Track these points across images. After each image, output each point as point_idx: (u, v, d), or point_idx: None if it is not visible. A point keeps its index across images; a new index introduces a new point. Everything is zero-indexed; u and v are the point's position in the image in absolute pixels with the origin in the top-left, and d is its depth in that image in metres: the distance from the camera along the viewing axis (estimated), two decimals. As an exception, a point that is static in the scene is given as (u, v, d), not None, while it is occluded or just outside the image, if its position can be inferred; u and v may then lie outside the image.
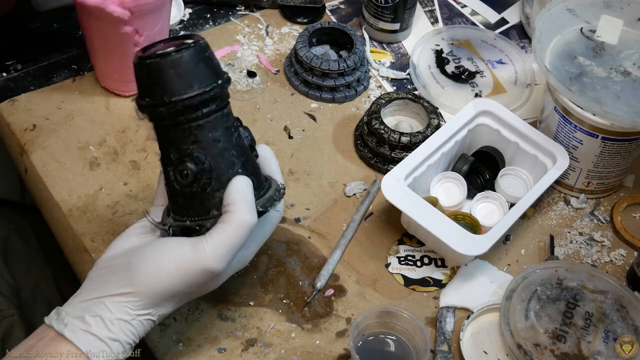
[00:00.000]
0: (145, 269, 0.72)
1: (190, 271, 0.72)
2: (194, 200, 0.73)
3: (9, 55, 1.06)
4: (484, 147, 0.99)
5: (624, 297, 0.86)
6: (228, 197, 0.72)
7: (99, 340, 0.70)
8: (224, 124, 0.73)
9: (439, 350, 0.84)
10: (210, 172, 0.72)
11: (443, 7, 1.23)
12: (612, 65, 0.93)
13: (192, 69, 0.69)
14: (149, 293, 0.72)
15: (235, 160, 0.73)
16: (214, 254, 0.71)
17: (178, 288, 0.72)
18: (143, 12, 0.92)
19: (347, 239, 0.93)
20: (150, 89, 0.70)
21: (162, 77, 0.69)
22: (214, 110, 0.71)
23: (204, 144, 0.71)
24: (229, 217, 0.72)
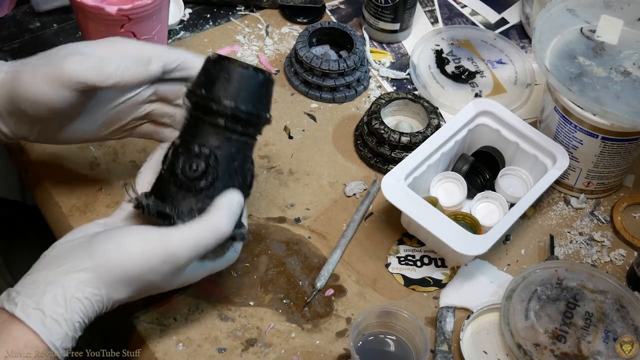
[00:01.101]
0: (108, 245, 0.71)
1: (153, 254, 0.71)
2: (185, 194, 0.74)
3: (9, 55, 1.06)
4: (484, 147, 0.99)
5: (624, 297, 0.86)
6: (215, 203, 0.74)
7: (52, 319, 0.68)
8: (246, 152, 0.77)
9: (439, 350, 0.84)
10: (214, 180, 0.74)
11: (443, 7, 1.23)
12: (612, 65, 0.93)
13: (256, 91, 0.76)
14: (106, 270, 0.70)
15: (237, 185, 0.76)
16: (181, 243, 0.71)
17: (138, 270, 0.71)
18: (140, 18, 0.92)
19: (347, 239, 0.93)
20: (214, 84, 0.74)
21: (232, 81, 0.74)
22: (248, 134, 0.77)
23: (223, 155, 0.75)
24: (206, 217, 0.73)
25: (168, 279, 0.74)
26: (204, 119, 0.75)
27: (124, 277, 0.71)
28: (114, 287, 0.71)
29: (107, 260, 0.71)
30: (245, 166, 0.77)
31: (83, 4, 0.90)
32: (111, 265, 0.71)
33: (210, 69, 0.75)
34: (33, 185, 0.96)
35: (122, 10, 0.91)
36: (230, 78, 0.74)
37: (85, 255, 0.71)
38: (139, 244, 0.71)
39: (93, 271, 0.70)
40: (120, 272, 0.71)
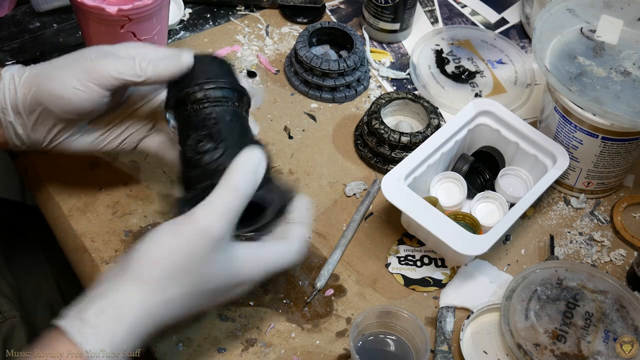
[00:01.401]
0: (143, 247, 0.69)
1: (187, 236, 0.68)
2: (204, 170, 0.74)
3: (9, 55, 1.06)
4: (484, 147, 0.99)
5: (624, 297, 0.86)
6: (230, 166, 0.72)
7: (96, 334, 0.65)
8: (241, 120, 0.78)
9: (439, 350, 0.84)
10: (222, 140, 0.75)
11: (443, 7, 1.23)
12: (612, 65, 0.93)
13: (219, 70, 0.78)
14: (147, 271, 0.67)
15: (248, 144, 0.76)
16: (206, 214, 0.69)
17: (177, 259, 0.68)
18: (140, 18, 0.92)
19: (347, 239, 0.93)
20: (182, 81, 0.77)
21: (194, 70, 0.77)
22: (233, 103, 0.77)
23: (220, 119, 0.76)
24: (222, 181, 0.71)
25: (219, 268, 0.70)
26: (188, 110, 0.76)
27: (168, 271, 0.68)
28: (164, 289, 0.68)
29: (147, 262, 0.68)
30: (248, 132, 0.77)
31: (83, 4, 0.90)
32: (150, 263, 0.68)
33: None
34: (33, 185, 0.96)
35: (122, 11, 0.91)
36: (192, 69, 0.77)
37: (124, 265, 0.69)
38: (171, 232, 0.68)
39: (135, 277, 0.68)
40: (162, 267, 0.68)
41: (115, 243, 0.90)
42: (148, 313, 0.68)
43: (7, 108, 0.79)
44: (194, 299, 0.70)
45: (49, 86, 0.77)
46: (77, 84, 0.76)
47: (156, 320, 0.68)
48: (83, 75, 0.76)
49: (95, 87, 0.76)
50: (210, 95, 0.76)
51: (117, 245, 0.90)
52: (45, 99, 0.77)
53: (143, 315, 0.67)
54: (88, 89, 0.76)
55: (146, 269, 0.68)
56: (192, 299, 0.70)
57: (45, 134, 0.81)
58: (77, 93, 0.76)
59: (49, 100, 0.77)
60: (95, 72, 0.76)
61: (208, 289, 0.71)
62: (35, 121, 0.80)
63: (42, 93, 0.77)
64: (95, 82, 0.76)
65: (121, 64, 0.76)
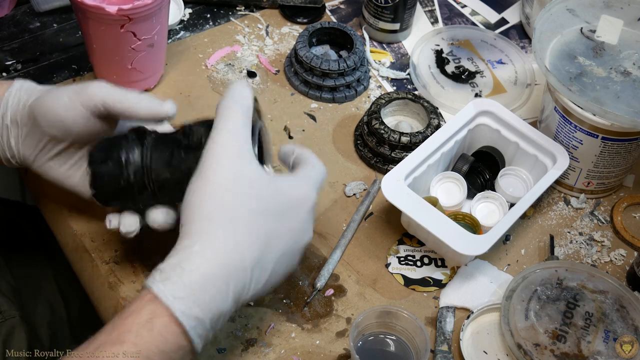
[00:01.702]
0: (186, 207, 0.69)
1: (217, 171, 0.69)
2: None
3: (9, 55, 1.06)
4: (484, 147, 0.99)
5: (624, 297, 0.86)
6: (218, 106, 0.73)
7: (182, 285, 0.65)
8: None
9: (439, 350, 0.84)
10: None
11: (443, 7, 1.23)
12: (612, 65, 0.93)
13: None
14: (199, 223, 0.68)
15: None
16: (221, 143, 0.71)
17: (220, 195, 0.68)
18: (140, 18, 0.92)
19: (347, 239, 0.93)
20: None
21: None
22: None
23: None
24: (217, 120, 0.72)
25: (270, 189, 0.71)
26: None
27: (220, 213, 0.68)
28: (227, 230, 0.67)
29: (194, 215, 0.69)
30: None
31: (83, 4, 0.90)
32: (199, 215, 0.68)
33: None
34: (33, 185, 0.96)
35: (122, 10, 0.91)
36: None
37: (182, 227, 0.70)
38: (199, 180, 0.70)
39: (195, 233, 0.68)
40: (214, 212, 0.68)
41: (115, 243, 0.90)
42: (224, 263, 0.67)
43: (7, 114, 0.80)
44: (268, 237, 0.70)
45: (44, 99, 0.79)
46: (67, 100, 0.78)
47: (237, 269, 0.68)
48: (73, 96, 0.78)
49: (80, 107, 0.78)
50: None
51: (117, 245, 0.89)
52: (36, 110, 0.79)
53: (219, 266, 0.67)
54: (74, 108, 0.78)
55: (198, 222, 0.68)
56: (265, 237, 0.69)
57: (31, 149, 0.81)
58: (64, 109, 0.78)
59: (39, 111, 0.79)
60: (84, 93, 0.78)
61: (278, 223, 0.71)
62: (25, 134, 0.81)
63: (36, 104, 0.79)
64: (81, 102, 0.78)
65: (108, 90, 0.78)
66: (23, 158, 0.82)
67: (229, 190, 0.69)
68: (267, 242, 0.70)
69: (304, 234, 0.74)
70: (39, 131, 0.80)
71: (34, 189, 0.96)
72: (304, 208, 0.74)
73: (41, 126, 0.79)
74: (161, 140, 0.77)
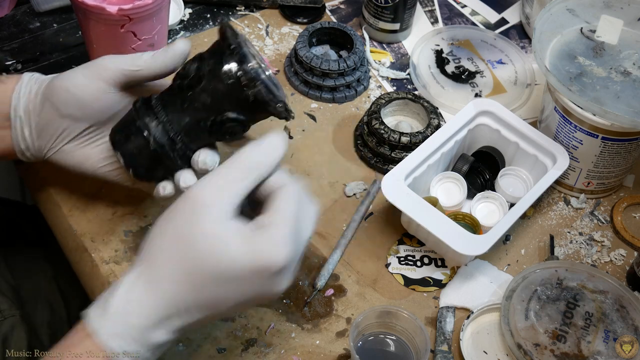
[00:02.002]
0: (148, 237, 0.68)
1: (178, 205, 0.66)
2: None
3: (9, 55, 1.06)
4: (484, 147, 0.99)
5: (624, 297, 0.86)
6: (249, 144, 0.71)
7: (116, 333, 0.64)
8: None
9: (439, 350, 0.84)
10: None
11: (443, 7, 1.23)
12: (612, 65, 0.93)
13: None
14: (147, 256, 0.66)
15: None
16: (205, 185, 0.67)
17: (169, 229, 0.66)
18: (140, 17, 0.92)
19: (347, 239, 0.92)
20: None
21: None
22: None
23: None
24: (234, 156, 0.69)
25: (214, 244, 0.65)
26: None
27: (164, 252, 0.66)
28: (159, 267, 0.65)
29: (148, 247, 0.67)
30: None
31: (84, 4, 0.90)
32: (151, 247, 0.67)
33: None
34: (33, 185, 0.96)
35: (123, 10, 0.91)
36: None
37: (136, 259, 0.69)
38: (166, 212, 0.68)
39: (138, 268, 0.67)
40: (159, 247, 0.66)
41: (115, 243, 0.90)
42: (156, 292, 0.65)
43: (19, 105, 0.81)
44: (217, 300, 0.66)
45: (57, 82, 0.79)
46: (82, 78, 0.78)
47: (171, 309, 0.65)
48: (88, 72, 0.79)
49: (97, 81, 0.78)
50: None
51: (117, 245, 0.90)
52: (51, 94, 0.79)
53: (157, 305, 0.65)
54: (91, 83, 0.78)
55: (147, 252, 0.67)
56: (214, 301, 0.66)
57: (48, 136, 0.81)
58: (81, 87, 0.78)
59: (55, 95, 0.79)
60: (99, 67, 0.78)
61: (231, 292, 0.66)
62: (41, 121, 0.80)
63: (50, 89, 0.80)
64: (98, 75, 0.78)
65: (121, 58, 0.78)
66: (38, 148, 0.82)
67: (193, 246, 0.64)
68: (216, 304, 0.66)
69: (266, 294, 0.67)
70: (55, 115, 0.80)
71: (34, 189, 0.96)
72: (267, 274, 0.65)
73: (58, 109, 0.79)
74: (166, 94, 0.78)
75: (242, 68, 0.74)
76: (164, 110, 0.77)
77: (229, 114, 0.76)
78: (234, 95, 0.75)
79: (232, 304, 0.66)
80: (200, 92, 0.75)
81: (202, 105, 0.75)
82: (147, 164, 0.78)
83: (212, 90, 0.75)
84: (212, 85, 0.75)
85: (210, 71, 0.75)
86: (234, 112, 0.76)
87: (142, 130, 0.76)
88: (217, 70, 0.75)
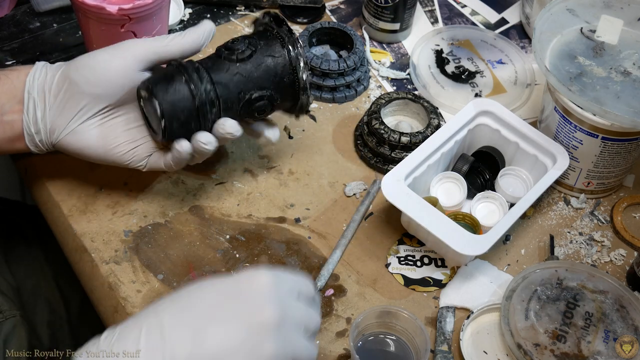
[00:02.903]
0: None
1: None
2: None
3: (9, 55, 1.06)
4: (484, 147, 0.99)
5: (624, 297, 0.86)
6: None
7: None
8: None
9: (439, 350, 0.84)
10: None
11: (443, 7, 1.23)
12: (612, 65, 0.93)
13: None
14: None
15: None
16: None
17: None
18: (141, 17, 0.92)
19: (347, 239, 0.93)
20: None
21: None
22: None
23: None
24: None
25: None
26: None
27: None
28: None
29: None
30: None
31: (84, 4, 0.90)
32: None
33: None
34: (33, 185, 0.96)
35: (123, 10, 0.91)
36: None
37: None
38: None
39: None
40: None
41: (115, 243, 0.90)
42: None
43: (34, 87, 0.81)
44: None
45: (79, 59, 0.81)
46: (107, 55, 0.80)
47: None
48: (114, 51, 0.80)
49: (126, 58, 0.79)
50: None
51: (117, 245, 0.90)
52: (72, 72, 0.80)
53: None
54: (118, 60, 0.79)
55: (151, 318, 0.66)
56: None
57: (65, 115, 0.81)
58: (107, 63, 0.79)
59: (77, 72, 0.80)
60: (125, 46, 0.80)
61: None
62: (57, 100, 0.81)
63: (70, 67, 0.81)
64: (127, 53, 0.80)
65: (149, 39, 0.81)
66: (51, 129, 0.82)
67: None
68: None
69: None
70: (75, 92, 0.80)
71: (34, 189, 0.96)
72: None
73: (79, 85, 0.80)
74: (209, 62, 0.82)
75: (297, 52, 0.82)
76: (209, 74, 0.81)
77: (268, 91, 0.82)
78: (281, 75, 0.83)
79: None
80: (249, 66, 0.81)
81: (247, 79, 0.81)
82: (184, 118, 0.80)
83: (263, 66, 0.82)
84: (263, 62, 0.82)
85: (263, 49, 0.82)
86: (273, 91, 0.83)
87: (190, 84, 0.79)
88: (271, 49, 0.83)
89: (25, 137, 0.83)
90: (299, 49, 0.83)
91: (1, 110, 0.81)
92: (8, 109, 0.81)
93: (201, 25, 0.83)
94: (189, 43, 0.81)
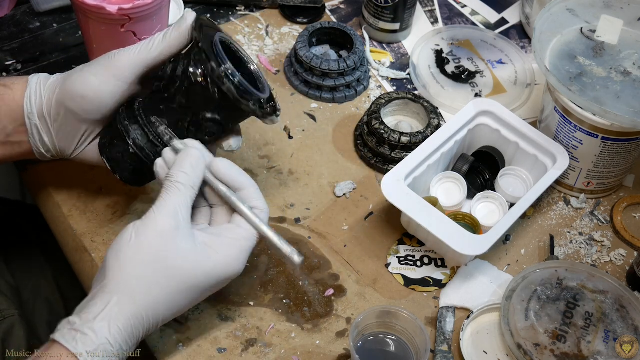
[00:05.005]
0: (111, 257, 0.72)
1: (148, 237, 0.71)
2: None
3: (9, 55, 1.06)
4: (484, 147, 0.99)
5: (624, 297, 0.86)
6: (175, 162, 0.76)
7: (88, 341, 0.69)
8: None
9: (439, 350, 0.84)
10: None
11: (443, 7, 1.23)
12: (612, 65, 0.93)
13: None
14: (123, 282, 0.71)
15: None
16: (163, 213, 0.72)
17: (145, 261, 0.71)
18: (141, 17, 0.92)
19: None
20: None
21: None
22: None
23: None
24: (167, 181, 0.75)
25: (188, 258, 0.73)
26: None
27: (142, 278, 0.71)
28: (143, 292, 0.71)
29: (113, 262, 0.72)
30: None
31: (84, 4, 0.90)
32: (123, 273, 0.72)
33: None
34: (33, 185, 0.96)
35: (123, 10, 0.91)
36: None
37: (101, 275, 0.73)
38: (130, 238, 0.73)
39: (105, 277, 0.72)
40: (136, 275, 0.71)
41: (115, 243, 0.90)
42: (136, 316, 0.71)
43: (33, 112, 0.80)
44: (180, 295, 0.73)
45: (70, 87, 0.79)
46: (96, 80, 0.78)
47: (147, 321, 0.72)
48: (102, 72, 0.78)
49: (114, 80, 0.78)
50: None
51: (117, 245, 0.89)
52: (67, 101, 0.79)
53: (132, 318, 0.71)
54: (108, 83, 0.78)
55: (122, 281, 0.71)
56: (177, 295, 0.73)
57: (70, 140, 0.82)
58: (97, 90, 0.78)
59: (71, 101, 0.79)
60: (113, 66, 0.78)
61: (190, 283, 0.73)
62: (59, 127, 0.81)
63: (64, 95, 0.79)
64: (114, 75, 0.78)
65: (133, 49, 0.78)
66: (61, 150, 0.83)
67: (158, 263, 0.71)
68: (182, 310, 0.75)
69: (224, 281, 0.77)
70: (74, 120, 0.80)
71: (34, 189, 0.96)
72: (225, 280, 0.76)
73: (76, 114, 0.79)
74: (147, 97, 0.78)
75: (207, 66, 0.74)
76: (145, 113, 0.77)
77: (205, 113, 0.76)
78: (204, 95, 0.75)
79: (193, 305, 0.76)
80: (175, 93, 0.76)
81: (178, 106, 0.76)
82: (131, 168, 0.79)
83: (185, 90, 0.76)
84: (184, 86, 0.76)
85: (183, 72, 0.76)
86: (209, 112, 0.77)
87: (123, 134, 0.77)
88: (187, 70, 0.76)
89: (35, 154, 0.84)
90: (211, 64, 0.74)
91: (5, 132, 0.82)
92: (12, 130, 0.82)
93: (183, 19, 0.79)
94: (175, 40, 0.78)
